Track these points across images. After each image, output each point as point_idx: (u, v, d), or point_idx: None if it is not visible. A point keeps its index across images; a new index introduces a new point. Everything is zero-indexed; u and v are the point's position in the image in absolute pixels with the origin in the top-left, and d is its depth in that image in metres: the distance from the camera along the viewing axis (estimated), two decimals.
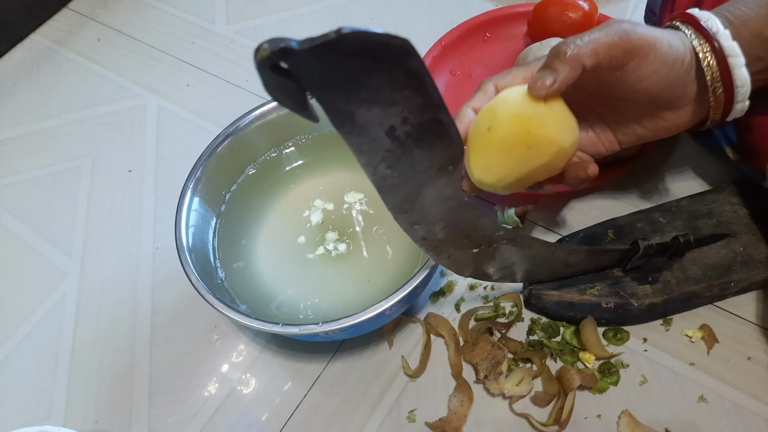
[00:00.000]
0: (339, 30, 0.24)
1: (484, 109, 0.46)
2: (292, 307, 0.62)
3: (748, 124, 0.57)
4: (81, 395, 0.65)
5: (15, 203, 0.82)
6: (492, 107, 0.44)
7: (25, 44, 1.03)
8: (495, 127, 0.43)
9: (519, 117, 0.43)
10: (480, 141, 0.44)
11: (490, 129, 0.43)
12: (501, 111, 0.43)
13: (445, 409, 0.58)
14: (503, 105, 0.44)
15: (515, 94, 0.44)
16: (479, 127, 0.45)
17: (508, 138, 0.43)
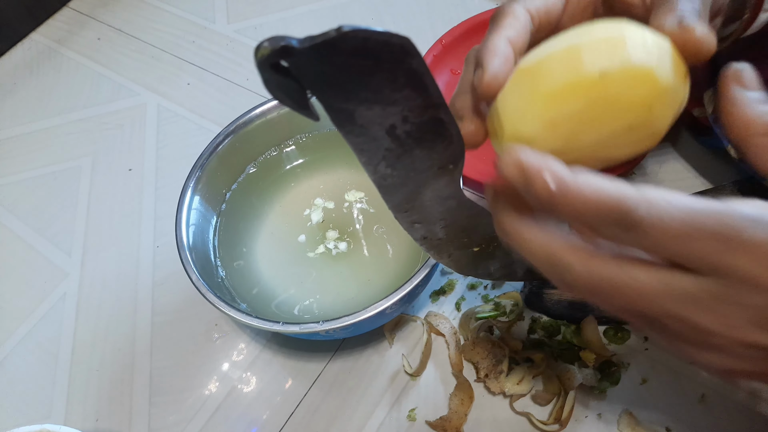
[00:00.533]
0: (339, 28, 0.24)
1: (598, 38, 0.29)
2: (293, 305, 0.62)
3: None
4: (81, 394, 0.65)
5: (15, 202, 0.82)
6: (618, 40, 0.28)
7: (25, 43, 1.03)
8: (613, 77, 0.28)
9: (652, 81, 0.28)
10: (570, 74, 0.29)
11: (606, 75, 0.28)
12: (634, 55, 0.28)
13: (445, 407, 0.58)
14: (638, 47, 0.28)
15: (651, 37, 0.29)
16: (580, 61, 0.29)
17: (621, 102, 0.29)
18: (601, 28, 0.29)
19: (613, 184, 0.26)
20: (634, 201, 0.25)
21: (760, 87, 0.29)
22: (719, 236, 0.25)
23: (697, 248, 0.25)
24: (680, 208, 0.25)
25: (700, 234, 0.25)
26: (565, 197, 0.26)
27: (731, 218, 0.25)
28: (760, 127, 0.28)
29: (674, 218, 0.25)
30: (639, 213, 0.25)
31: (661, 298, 0.27)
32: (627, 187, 0.26)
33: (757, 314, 0.26)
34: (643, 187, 0.26)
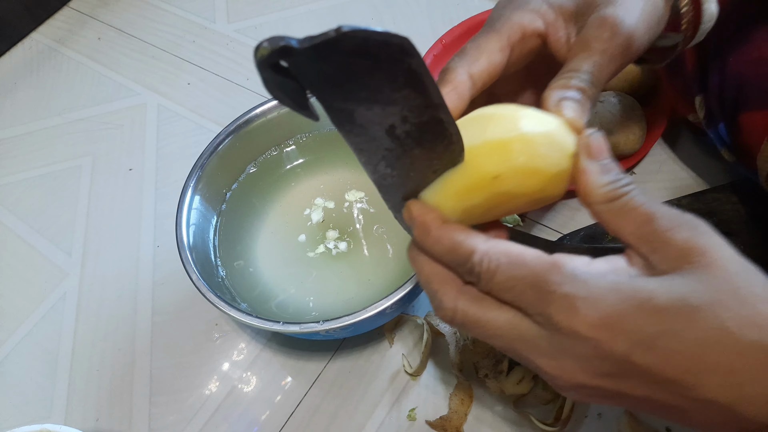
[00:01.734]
0: (339, 28, 0.24)
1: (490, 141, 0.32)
2: (293, 305, 0.62)
3: (737, 124, 0.57)
4: (82, 394, 0.65)
5: (15, 202, 0.82)
6: (505, 145, 0.32)
7: (26, 43, 1.03)
8: (504, 178, 0.32)
9: (540, 173, 0.32)
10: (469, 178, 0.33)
11: (497, 178, 0.32)
12: (517, 160, 0.32)
13: (445, 407, 0.58)
14: (520, 153, 0.32)
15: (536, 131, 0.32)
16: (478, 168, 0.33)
17: (515, 192, 0.33)
18: (496, 127, 0.33)
19: (467, 237, 0.32)
20: (477, 253, 0.31)
21: (605, 154, 0.32)
22: (539, 288, 0.30)
23: (522, 296, 0.30)
24: (513, 261, 0.31)
25: (523, 286, 0.30)
26: (429, 241, 0.33)
27: (551, 272, 0.30)
28: (599, 196, 0.32)
29: (504, 272, 0.31)
30: (477, 263, 0.31)
31: (508, 337, 0.32)
32: (477, 240, 0.32)
33: (584, 362, 0.30)
34: (493, 242, 0.32)
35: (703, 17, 0.44)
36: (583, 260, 0.30)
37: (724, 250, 0.29)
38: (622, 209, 0.31)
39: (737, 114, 0.57)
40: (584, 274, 0.29)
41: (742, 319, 0.28)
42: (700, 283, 0.28)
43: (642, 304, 0.28)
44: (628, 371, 0.29)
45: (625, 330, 0.28)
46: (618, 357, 0.29)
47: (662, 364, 0.28)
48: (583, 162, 0.32)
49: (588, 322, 0.28)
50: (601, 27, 0.38)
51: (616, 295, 0.29)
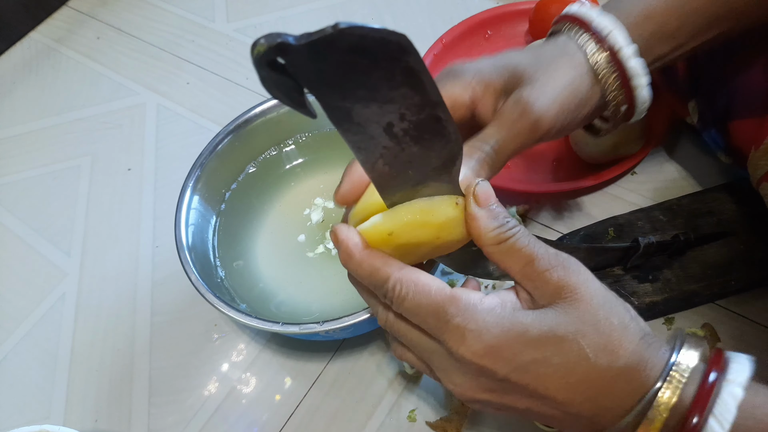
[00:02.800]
0: (336, 25, 0.23)
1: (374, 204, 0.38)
2: (292, 305, 0.62)
3: (728, 129, 0.57)
4: (80, 394, 0.64)
5: (14, 202, 0.82)
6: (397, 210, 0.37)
7: (25, 42, 1.03)
8: (398, 233, 0.36)
9: (429, 224, 0.36)
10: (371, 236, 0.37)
11: (392, 234, 0.36)
12: (404, 217, 0.36)
13: (445, 408, 0.58)
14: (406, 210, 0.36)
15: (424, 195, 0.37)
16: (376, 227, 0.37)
17: (412, 243, 0.37)
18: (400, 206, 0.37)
19: (384, 263, 0.36)
20: (390, 280, 0.36)
21: (492, 201, 0.36)
22: (438, 316, 0.35)
23: (425, 322, 0.36)
24: (420, 290, 0.35)
25: (426, 312, 0.35)
26: (351, 265, 0.37)
27: (449, 304, 0.35)
28: (489, 240, 0.36)
29: (412, 298, 0.35)
30: (390, 289, 0.36)
31: (419, 350, 0.39)
32: (393, 267, 0.36)
33: (473, 379, 0.36)
34: (406, 269, 0.36)
35: (636, 101, 0.46)
36: (477, 295, 0.35)
37: (591, 286, 0.35)
38: (509, 250, 0.35)
39: (727, 121, 0.57)
40: (474, 308, 0.34)
41: (597, 346, 0.33)
42: (567, 315, 0.34)
43: (519, 336, 0.34)
44: (510, 388, 0.35)
45: (504, 357, 0.34)
46: (500, 378, 0.34)
47: (536, 383, 0.34)
48: (473, 209, 0.36)
49: (474, 350, 0.34)
50: (514, 106, 0.42)
51: (498, 328, 0.34)
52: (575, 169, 0.69)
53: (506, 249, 0.36)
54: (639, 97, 0.46)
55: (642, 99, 0.46)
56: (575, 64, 0.44)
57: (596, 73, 0.44)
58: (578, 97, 0.44)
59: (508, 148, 0.42)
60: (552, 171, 0.70)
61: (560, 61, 0.45)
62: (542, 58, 0.45)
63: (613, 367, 0.33)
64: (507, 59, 0.46)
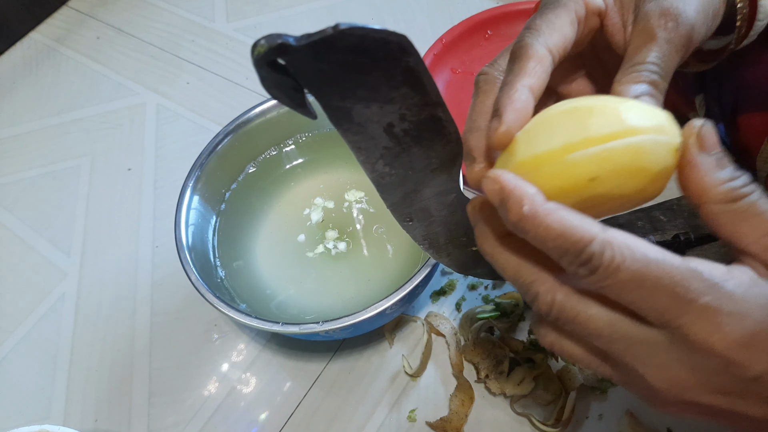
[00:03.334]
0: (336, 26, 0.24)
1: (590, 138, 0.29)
2: (292, 305, 0.62)
3: (736, 125, 0.57)
4: (80, 394, 0.64)
5: (14, 202, 0.82)
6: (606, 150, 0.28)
7: (25, 42, 1.03)
8: (602, 180, 0.29)
9: (644, 172, 0.29)
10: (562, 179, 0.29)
11: (595, 180, 0.29)
12: (620, 160, 0.28)
13: (446, 408, 0.58)
14: (624, 151, 0.28)
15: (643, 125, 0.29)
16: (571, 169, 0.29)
17: (613, 194, 0.29)
18: (596, 122, 0.29)
19: (582, 220, 0.27)
20: (596, 241, 0.26)
21: (718, 147, 0.29)
22: (674, 295, 0.26)
23: (649, 301, 0.26)
24: (640, 258, 0.26)
25: (655, 288, 0.26)
26: (533, 222, 0.27)
27: (690, 279, 0.26)
28: (718, 195, 0.28)
29: (630, 267, 0.26)
30: (597, 254, 0.26)
31: (609, 339, 0.29)
32: (594, 225, 0.27)
33: (704, 377, 0.27)
34: (611, 230, 0.27)
35: (758, 14, 0.41)
36: (721, 268, 0.27)
37: None
38: (744, 213, 0.28)
39: (736, 115, 0.57)
40: (728, 285, 0.26)
41: None
42: None
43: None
44: (753, 391, 0.27)
45: (766, 350, 0.26)
46: (750, 376, 0.26)
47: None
48: (695, 155, 0.29)
49: (729, 339, 0.26)
50: (663, 17, 0.35)
51: (764, 311, 0.26)
52: None
53: (741, 210, 0.28)
54: (763, 8, 0.41)
55: (765, 11, 0.40)
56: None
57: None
58: (713, 7, 0.38)
59: (670, 67, 0.35)
60: None
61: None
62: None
63: None
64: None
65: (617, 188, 0.29)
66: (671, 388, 0.28)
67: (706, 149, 0.29)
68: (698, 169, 0.28)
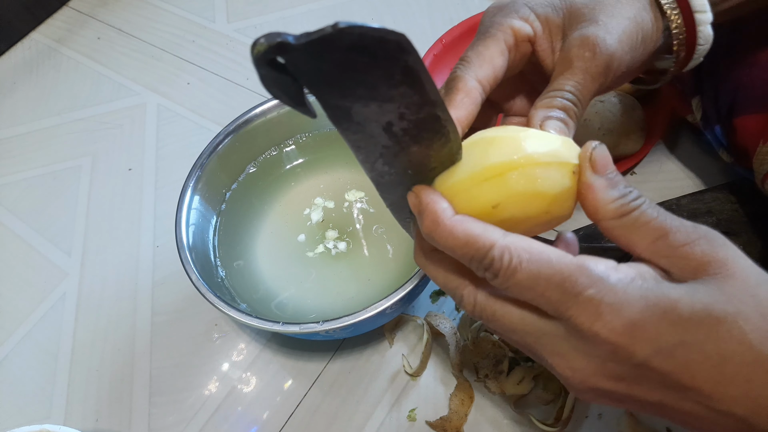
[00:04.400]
0: (335, 25, 0.24)
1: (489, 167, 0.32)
2: (293, 305, 0.62)
3: (732, 127, 0.57)
4: (81, 394, 0.64)
5: (15, 202, 0.82)
6: (504, 170, 0.32)
7: (25, 43, 1.03)
8: (504, 206, 0.32)
9: (541, 196, 0.32)
10: (469, 208, 0.33)
11: (497, 206, 0.32)
12: (515, 187, 0.31)
13: (445, 408, 0.58)
14: (518, 178, 0.31)
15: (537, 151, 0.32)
16: (477, 197, 0.32)
17: (519, 217, 0.33)
18: (496, 152, 0.32)
19: (485, 229, 0.31)
20: (496, 247, 0.30)
21: (610, 167, 0.31)
22: (564, 289, 0.29)
23: (544, 296, 0.30)
24: (535, 259, 0.30)
25: (548, 285, 0.29)
26: (441, 232, 0.31)
27: (578, 274, 0.29)
28: (609, 212, 0.31)
29: (526, 268, 0.30)
30: (497, 258, 0.30)
31: (522, 333, 0.32)
32: (495, 233, 0.31)
33: (598, 364, 0.30)
34: (512, 236, 0.30)
35: (698, 39, 0.43)
36: (609, 263, 0.30)
37: (743, 261, 0.29)
38: (634, 224, 0.31)
39: (732, 117, 0.57)
40: (611, 278, 0.29)
41: (763, 333, 0.28)
42: (722, 293, 0.28)
43: (666, 313, 0.28)
44: (645, 376, 0.29)
45: (647, 337, 0.28)
46: (637, 362, 0.29)
47: (681, 372, 0.28)
48: (589, 177, 0.31)
49: (611, 327, 0.28)
50: (582, 46, 0.38)
51: (642, 302, 0.28)
52: None
53: (631, 222, 0.31)
54: (702, 34, 0.42)
55: (705, 37, 0.42)
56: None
57: (660, 3, 0.41)
58: (644, 29, 0.41)
59: (585, 95, 0.38)
60: None
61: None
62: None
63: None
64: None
65: (521, 212, 0.32)
66: (575, 375, 0.31)
67: (599, 171, 0.31)
68: (592, 189, 0.31)
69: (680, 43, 0.43)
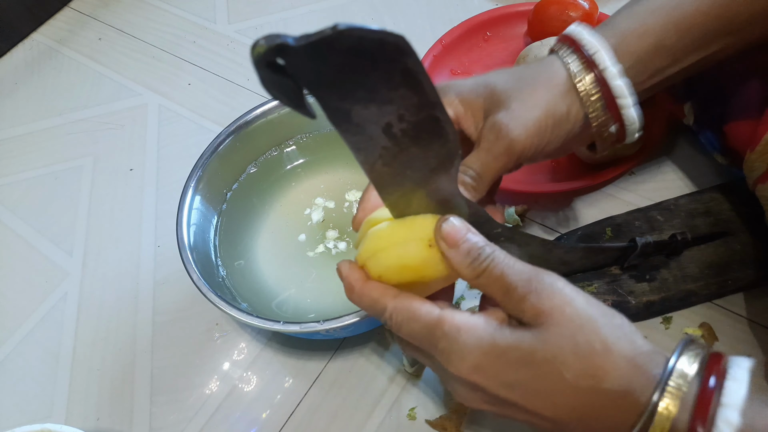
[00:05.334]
0: (335, 26, 0.24)
1: (367, 249, 0.40)
2: (293, 304, 0.62)
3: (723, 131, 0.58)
4: (82, 393, 0.65)
5: (16, 202, 0.82)
6: (374, 254, 0.39)
7: (27, 43, 1.03)
8: (385, 277, 0.40)
9: (408, 267, 0.39)
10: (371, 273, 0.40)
11: (381, 277, 0.40)
12: (385, 262, 0.39)
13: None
14: (386, 255, 0.39)
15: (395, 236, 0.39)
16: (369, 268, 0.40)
17: (405, 282, 0.40)
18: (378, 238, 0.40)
19: (381, 295, 0.39)
20: (388, 308, 0.39)
21: (460, 235, 0.37)
22: (427, 338, 0.37)
23: (417, 340, 0.39)
24: (409, 316, 0.38)
25: (419, 336, 0.38)
26: (354, 297, 0.40)
27: (435, 328, 0.37)
28: (468, 275, 0.37)
29: (404, 323, 0.38)
30: (388, 316, 0.39)
31: (427, 364, 0.42)
32: (388, 297, 0.39)
33: (469, 392, 0.37)
34: (399, 298, 0.39)
35: (626, 124, 0.46)
36: (463, 316, 0.37)
37: (568, 309, 0.35)
38: (487, 281, 0.37)
39: (723, 124, 0.58)
40: (458, 331, 0.36)
41: (577, 371, 0.34)
42: (544, 342, 0.34)
43: (499, 357, 0.35)
44: (505, 402, 0.36)
45: (489, 375, 0.35)
46: (492, 393, 0.36)
47: (524, 401, 0.35)
48: (444, 251, 0.38)
49: (459, 370, 0.36)
50: (490, 130, 0.44)
51: (478, 350, 0.35)
52: (574, 169, 0.69)
53: (484, 280, 0.37)
54: (627, 117, 0.46)
55: (630, 119, 0.46)
56: (556, 83, 0.45)
57: (578, 91, 0.45)
58: (555, 116, 0.45)
59: (489, 173, 0.44)
60: (551, 171, 0.70)
61: (539, 81, 0.45)
62: (523, 79, 0.46)
63: (599, 390, 0.33)
64: (487, 80, 0.47)
65: (400, 280, 0.39)
66: (459, 398, 0.39)
67: (450, 245, 0.37)
68: (449, 259, 0.37)
69: (601, 125, 0.47)
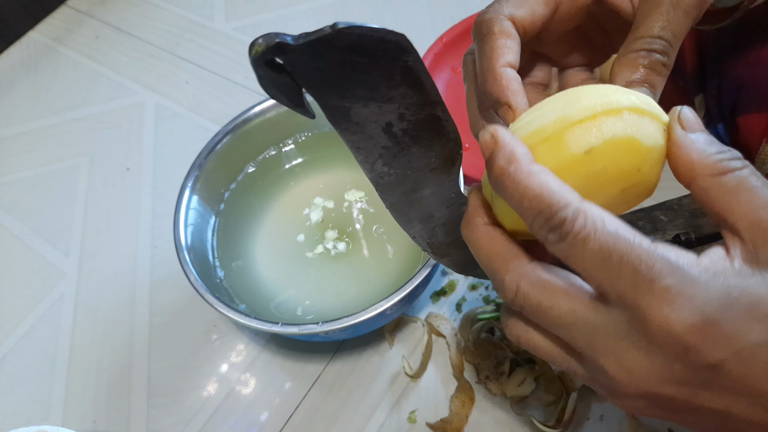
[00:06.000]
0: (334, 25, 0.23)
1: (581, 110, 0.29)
2: (292, 306, 0.62)
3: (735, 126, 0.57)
4: (79, 395, 0.64)
5: (12, 202, 0.82)
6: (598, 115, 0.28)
7: (23, 42, 1.03)
8: (598, 152, 0.28)
9: (637, 147, 0.28)
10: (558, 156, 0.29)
11: (590, 152, 0.28)
12: (612, 129, 0.28)
13: (446, 409, 0.58)
14: (614, 121, 0.28)
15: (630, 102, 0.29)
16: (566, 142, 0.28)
17: (611, 172, 0.29)
18: (586, 100, 0.29)
19: (562, 186, 0.27)
20: (571, 207, 0.26)
21: (700, 128, 0.28)
22: (637, 273, 0.25)
23: (612, 276, 0.26)
24: (611, 232, 0.26)
25: (620, 264, 0.25)
26: (513, 178, 0.27)
27: (655, 260, 0.25)
28: (707, 167, 0.27)
29: (600, 239, 0.26)
30: (569, 220, 0.26)
31: (570, 327, 0.28)
32: (572, 194, 0.26)
33: (663, 364, 0.26)
34: (588, 202, 0.26)
35: None
36: (689, 255, 0.26)
37: None
38: (735, 187, 0.27)
39: (735, 116, 0.57)
40: (693, 269, 0.25)
41: None
42: None
43: (751, 309, 0.25)
44: (714, 381, 0.26)
45: (726, 336, 0.25)
46: (710, 364, 0.25)
47: (759, 376, 0.25)
48: (680, 135, 0.28)
49: (687, 323, 0.25)
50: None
51: (725, 298, 0.25)
52: None
53: (732, 184, 0.27)
54: None
55: None
56: None
57: None
58: None
59: (680, 33, 0.33)
60: None
61: None
62: None
63: None
64: None
65: (614, 164, 0.28)
66: (630, 379, 0.27)
67: (689, 129, 0.28)
68: (685, 146, 0.28)
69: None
